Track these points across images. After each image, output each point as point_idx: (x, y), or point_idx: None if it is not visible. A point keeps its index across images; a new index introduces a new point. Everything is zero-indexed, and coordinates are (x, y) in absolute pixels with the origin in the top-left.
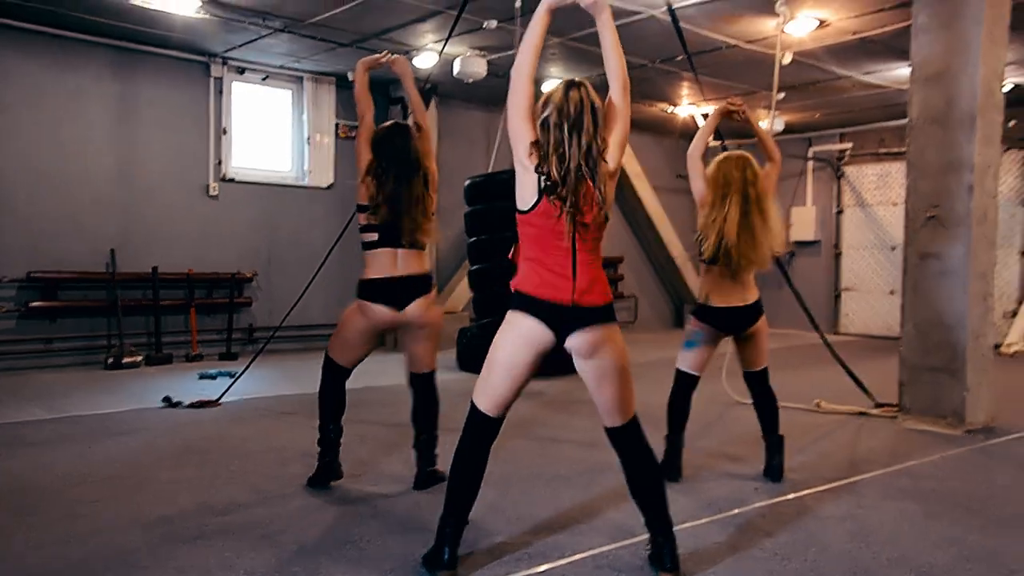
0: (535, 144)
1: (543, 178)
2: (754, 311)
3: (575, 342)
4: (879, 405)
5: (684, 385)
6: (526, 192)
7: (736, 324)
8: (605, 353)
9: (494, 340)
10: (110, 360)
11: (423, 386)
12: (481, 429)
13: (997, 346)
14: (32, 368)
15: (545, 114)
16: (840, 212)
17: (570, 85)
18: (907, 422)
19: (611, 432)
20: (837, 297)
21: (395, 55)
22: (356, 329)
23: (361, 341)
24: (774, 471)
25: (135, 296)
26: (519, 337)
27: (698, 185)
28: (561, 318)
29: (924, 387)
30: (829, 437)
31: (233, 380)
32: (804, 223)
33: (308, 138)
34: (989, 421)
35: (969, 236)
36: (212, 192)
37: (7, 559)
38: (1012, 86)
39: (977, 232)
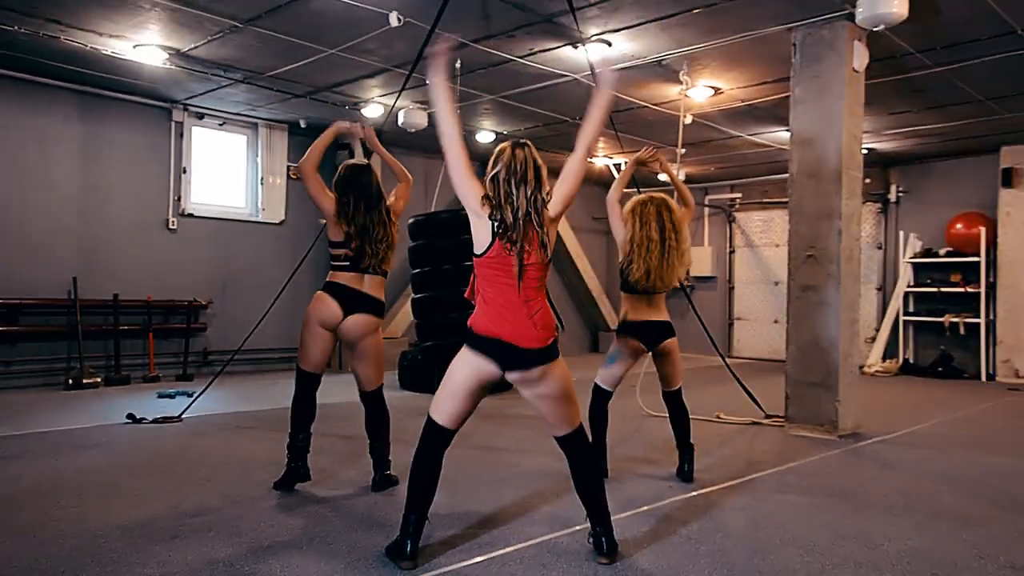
0: (485, 197)
1: (496, 224)
2: (667, 327)
3: (516, 377)
4: (769, 416)
5: (601, 398)
6: (480, 237)
7: (652, 337)
8: (544, 385)
9: (451, 365)
10: (70, 381)
11: (373, 401)
12: (437, 438)
13: (860, 367)
14: None
15: (495, 171)
16: (732, 252)
17: (516, 145)
18: (792, 429)
19: (558, 440)
20: (731, 325)
21: (365, 127)
22: (312, 335)
23: (319, 344)
24: (686, 474)
25: (96, 321)
26: (470, 369)
27: (616, 225)
28: (506, 356)
29: (805, 400)
30: (728, 443)
31: (195, 396)
32: (702, 261)
33: (262, 179)
34: (856, 428)
35: (840, 272)
36: (172, 226)
37: None
38: (867, 150)
39: (845, 269)
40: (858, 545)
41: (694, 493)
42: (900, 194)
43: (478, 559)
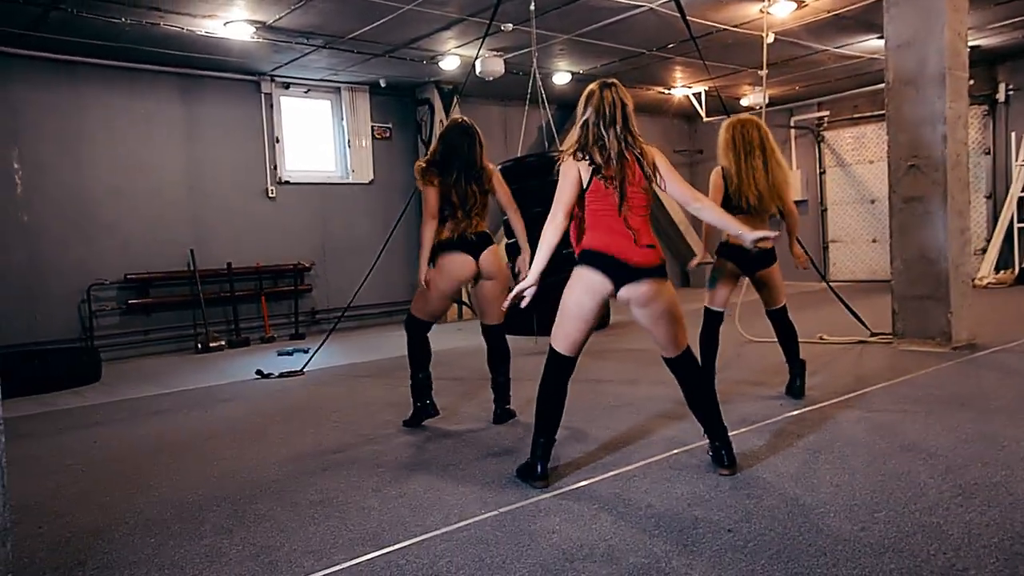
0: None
1: (588, 164)
2: (767, 254)
3: (629, 292)
4: (875, 334)
5: (712, 321)
6: (582, 178)
7: (750, 263)
8: (656, 303)
9: (563, 295)
10: (199, 345)
11: (494, 336)
12: (560, 366)
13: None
14: (134, 356)
15: (585, 116)
16: (823, 173)
17: (604, 86)
18: (901, 345)
19: (668, 361)
20: (825, 248)
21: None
22: (438, 287)
23: (444, 296)
24: (796, 390)
25: (213, 289)
26: (583, 287)
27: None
28: (619, 272)
29: (914, 313)
30: (835, 362)
31: (313, 352)
32: (792, 185)
33: (348, 141)
34: (972, 339)
35: (946, 180)
36: (271, 194)
37: (173, 496)
38: (970, 48)
39: (952, 176)
40: (983, 446)
41: (807, 408)
42: (1010, 93)
43: (604, 476)
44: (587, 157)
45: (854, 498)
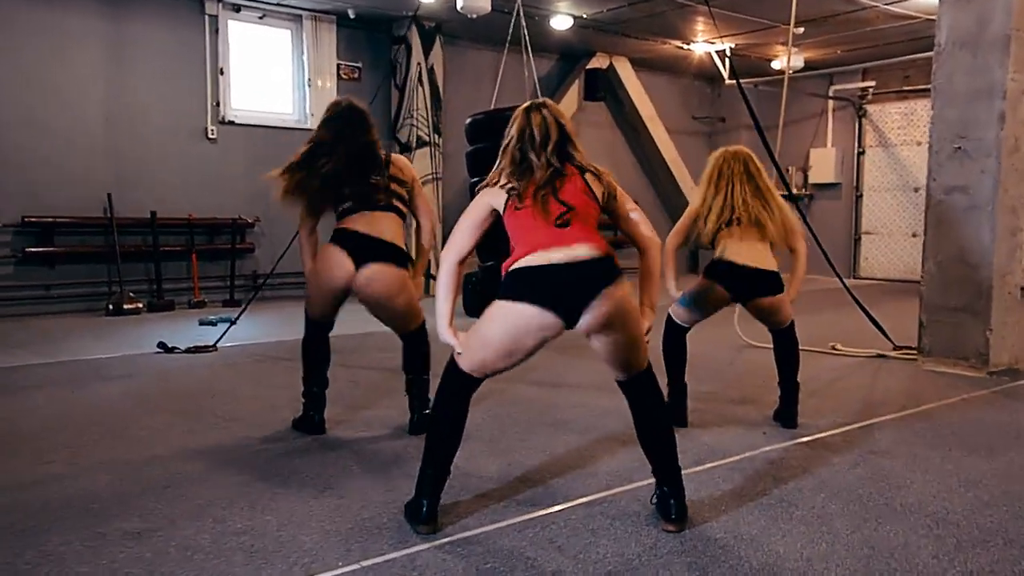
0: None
1: (505, 189)
2: (771, 280)
3: (585, 320)
4: (899, 348)
5: (675, 332)
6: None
7: (747, 290)
8: (612, 326)
9: (485, 316)
10: (110, 306)
11: (411, 337)
12: (462, 385)
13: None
14: (32, 314)
15: (507, 140)
16: (861, 153)
17: (531, 108)
18: (927, 364)
19: (621, 384)
20: (857, 240)
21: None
22: (316, 286)
23: (325, 297)
24: (787, 418)
25: (134, 242)
26: (513, 326)
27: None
28: (561, 291)
29: (945, 327)
30: (844, 380)
31: (229, 326)
32: (823, 165)
33: (309, 80)
34: (1013, 363)
35: (999, 167)
36: (211, 135)
37: None
38: None
39: (1007, 163)
40: (1008, 515)
41: (794, 441)
42: None
43: (513, 520)
44: (510, 180)
45: None
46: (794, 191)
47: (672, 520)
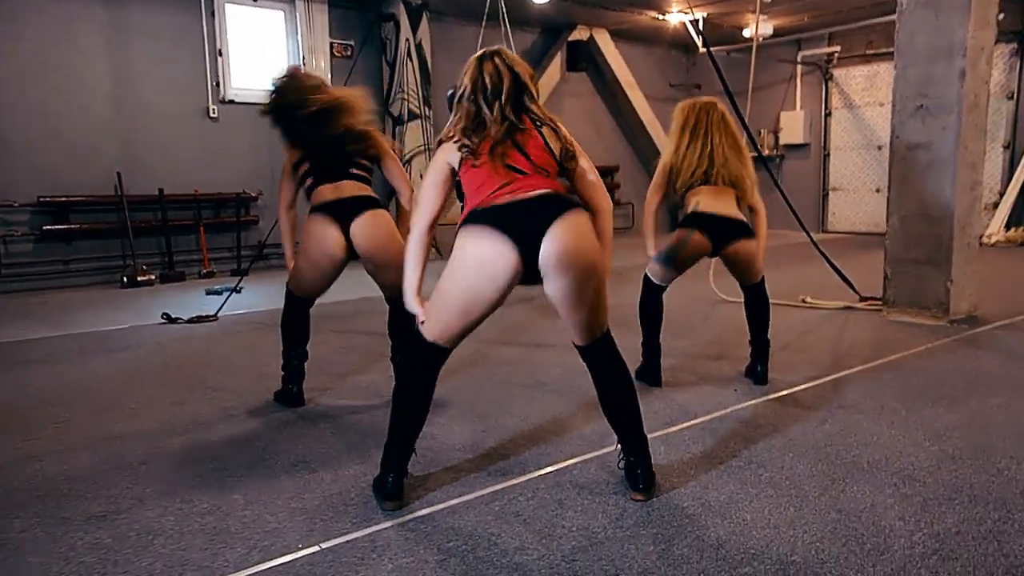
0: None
1: (459, 145)
2: (741, 225)
3: (543, 253)
4: (864, 299)
5: (652, 291)
6: (453, 164)
7: (721, 235)
8: (573, 269)
9: (445, 271)
10: (124, 279)
11: (397, 301)
12: (427, 356)
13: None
14: (51, 288)
15: (460, 91)
16: (828, 114)
17: (484, 57)
18: (891, 314)
19: (581, 350)
20: (825, 196)
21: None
22: (308, 258)
23: (318, 271)
24: (758, 375)
25: (145, 217)
26: (474, 264)
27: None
28: (518, 220)
29: (909, 279)
30: (813, 333)
31: (228, 294)
32: (793, 127)
33: (303, 58)
34: (972, 310)
35: (959, 124)
36: (212, 114)
37: None
38: None
39: (968, 120)
40: (973, 468)
41: (765, 398)
42: None
43: (481, 492)
44: (462, 138)
45: (793, 550)
46: (765, 152)
47: (640, 490)
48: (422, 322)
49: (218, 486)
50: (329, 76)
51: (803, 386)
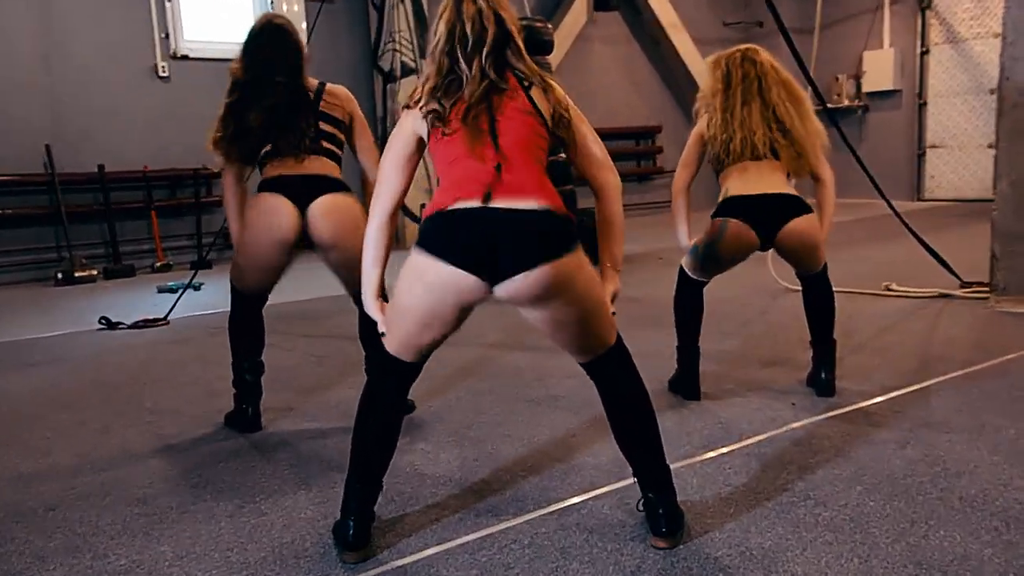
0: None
1: (425, 112)
2: (794, 202)
3: (507, 289)
4: (965, 285)
5: (690, 287)
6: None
7: (769, 222)
8: (556, 301)
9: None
10: (59, 275)
11: None
12: (392, 375)
13: None
14: None
15: (434, 42)
16: (925, 52)
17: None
18: (1001, 304)
19: (584, 366)
20: (921, 156)
21: None
22: (248, 249)
23: (261, 261)
24: (822, 384)
25: (83, 200)
26: (425, 286)
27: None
28: (473, 238)
29: (1023, 260)
30: (898, 329)
31: (181, 292)
32: (880, 70)
33: (271, 3)
34: None
35: None
36: (162, 72)
37: None
38: None
39: None
40: None
41: (828, 414)
42: None
43: (466, 539)
44: (430, 102)
45: None
46: (844, 103)
47: (662, 535)
48: (382, 333)
49: (143, 536)
50: (304, 23)
51: (879, 398)
